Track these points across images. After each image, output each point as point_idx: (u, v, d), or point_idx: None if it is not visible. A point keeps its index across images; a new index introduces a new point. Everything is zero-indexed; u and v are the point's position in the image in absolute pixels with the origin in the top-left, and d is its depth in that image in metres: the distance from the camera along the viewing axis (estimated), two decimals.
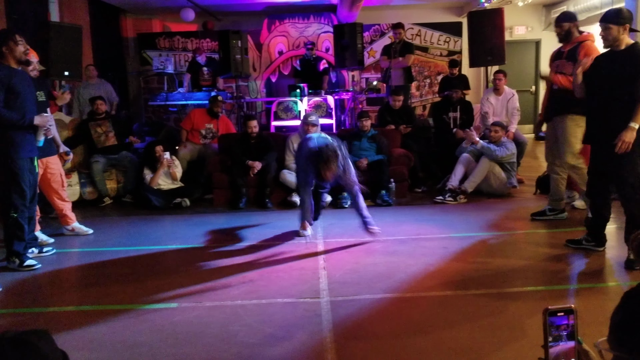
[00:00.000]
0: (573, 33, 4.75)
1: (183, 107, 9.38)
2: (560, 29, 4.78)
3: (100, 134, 6.79)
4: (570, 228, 4.85)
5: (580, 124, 4.72)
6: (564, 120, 4.80)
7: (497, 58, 7.56)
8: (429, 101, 11.30)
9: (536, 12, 11.87)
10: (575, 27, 4.75)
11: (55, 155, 5.00)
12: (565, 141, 4.82)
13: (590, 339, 1.70)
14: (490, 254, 4.31)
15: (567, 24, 4.75)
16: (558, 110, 4.87)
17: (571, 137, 4.78)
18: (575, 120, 4.75)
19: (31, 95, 4.28)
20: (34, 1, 7.73)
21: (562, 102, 4.78)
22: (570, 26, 4.74)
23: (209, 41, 11.10)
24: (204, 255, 4.52)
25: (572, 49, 4.72)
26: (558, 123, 4.87)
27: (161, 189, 6.52)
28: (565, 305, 1.57)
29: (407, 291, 3.56)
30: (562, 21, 4.79)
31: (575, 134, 4.76)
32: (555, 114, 4.92)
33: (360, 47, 8.37)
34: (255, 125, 6.60)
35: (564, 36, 4.78)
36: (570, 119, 4.77)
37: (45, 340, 1.20)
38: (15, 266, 4.23)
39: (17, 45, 4.11)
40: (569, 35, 4.76)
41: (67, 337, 3.02)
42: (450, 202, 6.10)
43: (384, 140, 6.65)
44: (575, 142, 4.79)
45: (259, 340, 2.90)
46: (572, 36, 4.75)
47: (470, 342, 2.81)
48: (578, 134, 4.74)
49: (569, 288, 3.58)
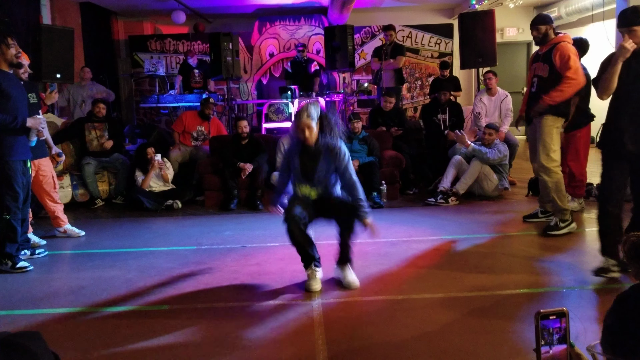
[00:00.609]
0: (549, 35, 4.75)
1: (174, 109, 9.37)
2: (537, 32, 4.78)
3: (93, 137, 6.77)
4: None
5: (557, 125, 4.76)
6: (540, 121, 4.79)
7: (488, 60, 7.60)
8: (420, 103, 11.34)
9: (527, 13, 11.93)
10: (551, 29, 4.76)
11: (47, 157, 4.99)
12: (541, 141, 4.78)
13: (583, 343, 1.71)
14: (482, 256, 4.33)
15: (543, 26, 4.75)
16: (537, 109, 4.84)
17: (547, 137, 4.75)
18: (552, 121, 4.74)
19: (22, 98, 4.27)
20: (25, 4, 7.70)
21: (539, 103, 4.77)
22: (547, 28, 4.74)
23: (200, 43, 11.10)
24: (195, 257, 4.52)
25: (547, 51, 4.73)
26: (537, 124, 4.86)
27: (152, 190, 6.51)
28: (557, 308, 1.58)
29: (399, 293, 3.58)
30: (538, 24, 4.78)
31: (552, 134, 4.75)
32: (534, 115, 4.90)
33: (351, 49, 8.39)
34: (246, 125, 6.62)
35: (541, 39, 4.79)
36: (547, 120, 4.75)
37: (37, 343, 1.21)
38: (8, 268, 4.22)
39: (9, 49, 4.10)
40: (545, 38, 4.76)
41: (58, 339, 3.01)
42: (441, 204, 6.13)
43: (375, 142, 6.68)
44: (550, 143, 4.74)
45: (250, 343, 2.91)
46: (549, 38, 4.75)
47: (462, 345, 2.83)
48: (554, 135, 4.75)
49: (562, 290, 3.60)
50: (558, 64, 4.61)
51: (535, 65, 4.88)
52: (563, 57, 4.59)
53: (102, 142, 6.77)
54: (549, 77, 4.71)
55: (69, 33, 6.70)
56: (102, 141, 6.77)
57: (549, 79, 4.70)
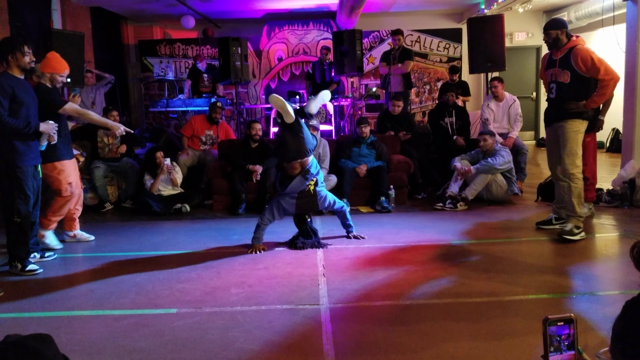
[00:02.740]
0: (561, 40, 4.73)
1: (183, 114, 9.42)
2: (548, 37, 4.77)
3: (105, 144, 6.81)
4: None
5: (582, 129, 4.71)
6: (564, 125, 4.76)
7: (497, 64, 7.58)
8: (429, 107, 11.32)
9: (536, 18, 11.91)
10: (563, 33, 4.73)
11: (74, 159, 5.04)
12: (566, 147, 4.75)
13: (592, 349, 1.70)
14: (491, 262, 4.31)
15: (554, 31, 4.73)
16: (558, 116, 4.83)
17: (572, 142, 4.72)
18: (577, 126, 4.71)
19: (34, 103, 4.32)
20: (37, 9, 7.77)
21: (562, 108, 4.75)
22: (558, 33, 4.72)
23: (209, 48, 11.15)
24: (203, 260, 4.53)
25: (564, 56, 4.71)
26: (558, 129, 4.84)
27: (161, 194, 6.54)
28: (565, 314, 1.56)
29: (406, 298, 3.57)
30: (549, 29, 4.77)
31: (577, 140, 4.72)
32: (555, 119, 4.88)
33: (359, 53, 8.41)
34: (260, 128, 6.66)
35: (552, 44, 4.78)
36: (573, 124, 4.72)
37: (48, 345, 1.22)
38: (18, 271, 4.26)
39: (24, 56, 4.16)
40: (557, 42, 4.74)
41: (68, 342, 3.03)
42: (450, 209, 6.11)
43: (383, 146, 6.68)
44: (576, 148, 4.72)
45: (258, 347, 2.91)
46: (561, 42, 4.73)
47: (470, 351, 2.81)
48: (579, 140, 4.71)
49: (571, 296, 3.57)
50: (583, 69, 4.59)
51: (552, 71, 4.84)
52: (586, 61, 4.57)
53: (114, 149, 6.81)
54: (571, 83, 4.68)
55: (79, 38, 6.76)
56: (114, 149, 6.81)
57: (572, 85, 4.68)
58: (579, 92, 4.68)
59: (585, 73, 4.61)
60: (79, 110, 4.86)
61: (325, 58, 9.14)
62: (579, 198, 4.76)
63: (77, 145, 6.85)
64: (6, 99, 4.04)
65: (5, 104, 4.03)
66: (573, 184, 4.76)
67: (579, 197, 4.75)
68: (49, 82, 4.70)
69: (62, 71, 4.74)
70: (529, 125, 12.16)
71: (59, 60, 4.76)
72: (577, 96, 4.69)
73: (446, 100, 7.42)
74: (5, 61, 4.15)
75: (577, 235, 4.74)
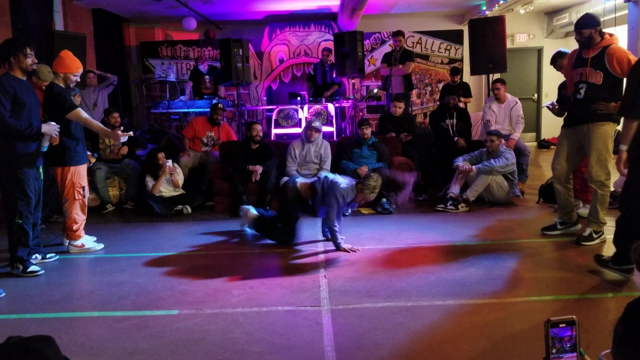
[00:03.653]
0: (595, 38, 4.41)
1: (185, 115, 9.43)
2: (580, 35, 4.45)
3: (107, 145, 6.82)
4: (573, 237, 4.83)
5: (610, 133, 4.49)
6: (595, 129, 4.48)
7: (499, 66, 7.58)
8: (430, 109, 11.33)
9: (538, 19, 11.90)
10: (597, 32, 4.40)
11: (86, 164, 5.03)
12: (595, 152, 4.49)
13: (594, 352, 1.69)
14: (492, 263, 4.30)
15: (587, 30, 4.41)
16: (586, 117, 4.54)
17: (603, 147, 4.47)
18: (609, 130, 4.49)
19: (36, 105, 4.33)
20: (39, 11, 7.79)
21: (591, 110, 4.47)
22: (592, 32, 4.39)
23: (211, 49, 11.17)
24: (204, 262, 4.53)
25: (596, 56, 4.41)
26: (584, 131, 4.57)
27: (163, 196, 6.55)
28: (567, 316, 1.56)
29: (408, 300, 3.56)
30: (581, 28, 4.44)
31: (607, 145, 4.48)
32: (581, 121, 4.58)
33: (360, 55, 8.41)
34: (260, 130, 6.67)
35: (585, 42, 4.45)
36: (605, 128, 4.47)
37: (49, 347, 1.22)
38: (19, 272, 4.27)
39: (26, 58, 4.17)
40: (590, 41, 4.42)
41: (69, 343, 3.03)
42: (451, 210, 6.10)
43: (384, 148, 6.68)
44: (606, 154, 4.48)
45: (259, 348, 2.91)
46: (594, 41, 4.42)
47: (472, 353, 2.81)
48: (610, 145, 4.50)
49: (573, 298, 3.57)
50: (618, 71, 4.32)
51: (581, 70, 4.52)
52: (622, 62, 4.30)
53: (116, 151, 6.81)
54: (603, 83, 4.40)
55: (81, 39, 6.78)
56: (116, 150, 6.82)
57: (604, 85, 4.40)
58: (611, 93, 4.41)
59: (619, 75, 4.32)
60: (84, 117, 4.71)
61: (326, 59, 9.14)
62: (604, 204, 4.61)
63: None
64: (8, 100, 4.05)
65: (7, 105, 4.04)
66: (600, 191, 4.57)
67: (603, 203, 4.60)
68: (62, 82, 4.69)
69: (76, 70, 4.73)
70: (531, 126, 12.15)
71: (72, 59, 4.74)
72: (608, 98, 4.42)
73: (448, 103, 7.42)
74: (7, 62, 4.16)
75: (597, 240, 4.67)
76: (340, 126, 9.18)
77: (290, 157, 6.55)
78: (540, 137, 12.31)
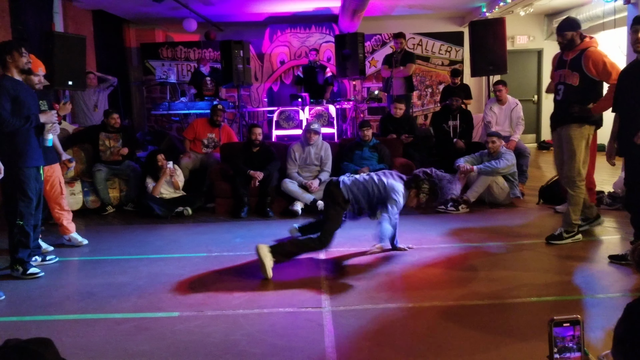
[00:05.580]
0: (575, 41, 4.52)
1: (185, 117, 9.42)
2: (563, 38, 4.55)
3: (107, 147, 6.81)
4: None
5: (585, 134, 4.57)
6: (569, 130, 4.59)
7: (499, 67, 7.57)
8: (431, 110, 11.34)
9: (538, 21, 11.90)
10: (578, 35, 4.52)
11: (57, 164, 5.03)
12: (569, 153, 4.60)
13: (594, 352, 1.69)
14: (493, 264, 4.30)
15: (569, 32, 4.52)
16: (563, 119, 4.66)
17: (577, 149, 4.56)
18: (584, 131, 4.57)
19: (34, 104, 4.32)
20: (38, 12, 7.79)
21: (567, 111, 4.57)
22: (574, 34, 4.51)
23: (211, 51, 11.17)
24: (205, 264, 4.52)
25: (575, 58, 4.53)
26: (561, 133, 4.69)
27: (163, 197, 6.54)
28: (571, 315, 1.55)
29: (409, 301, 3.56)
30: (564, 30, 4.55)
31: (581, 146, 4.57)
32: (559, 123, 4.72)
33: (361, 56, 8.41)
34: (260, 132, 6.66)
35: (566, 45, 4.57)
36: (578, 130, 4.57)
37: (48, 349, 1.21)
38: (19, 274, 4.25)
39: (21, 56, 4.15)
40: (571, 44, 4.54)
41: (69, 345, 3.02)
42: (452, 211, 6.10)
43: (385, 149, 6.67)
44: (580, 155, 4.57)
45: (260, 350, 2.90)
46: (574, 43, 4.53)
47: (473, 353, 2.80)
48: (584, 146, 4.58)
49: (574, 299, 3.56)
50: (594, 72, 4.42)
51: (561, 72, 4.64)
52: (597, 64, 4.40)
53: (116, 152, 6.81)
54: (580, 85, 4.49)
55: (81, 41, 6.76)
56: (116, 151, 6.81)
57: (581, 87, 4.50)
58: (587, 95, 4.51)
59: (595, 76, 4.43)
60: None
61: (315, 61, 9.13)
62: (577, 205, 4.67)
63: (79, 148, 6.86)
64: (8, 101, 4.04)
65: (7, 106, 4.03)
66: (574, 192, 4.65)
67: (576, 204, 4.67)
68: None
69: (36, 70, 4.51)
70: (531, 128, 12.15)
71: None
72: (585, 100, 4.51)
73: (451, 104, 7.43)
74: (3, 63, 4.15)
75: (568, 240, 4.73)
76: (341, 128, 9.18)
77: (291, 160, 6.55)
78: (540, 138, 12.31)
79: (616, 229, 5.27)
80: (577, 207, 4.70)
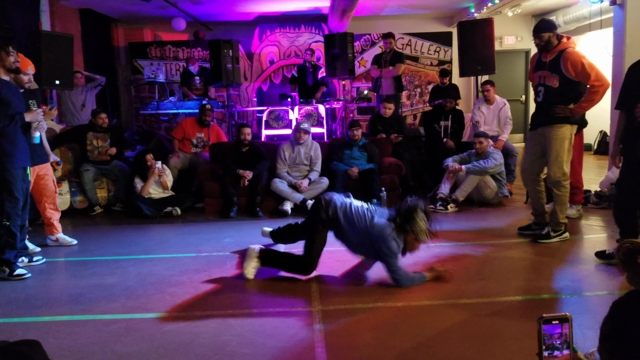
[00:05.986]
0: (552, 42, 4.56)
1: (174, 116, 9.38)
2: (540, 39, 4.58)
3: (95, 147, 6.76)
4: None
5: (567, 135, 4.62)
6: (552, 131, 4.61)
7: (487, 68, 7.61)
8: (420, 110, 11.38)
9: (525, 22, 11.99)
10: (554, 36, 4.56)
11: (48, 163, 4.99)
12: (553, 153, 4.63)
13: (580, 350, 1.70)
14: (482, 263, 4.32)
15: (546, 34, 4.55)
16: (544, 120, 4.67)
17: (560, 149, 4.60)
18: (567, 131, 4.60)
19: (21, 105, 4.28)
20: (25, 10, 7.72)
21: (550, 112, 4.60)
22: (550, 36, 4.54)
23: (200, 50, 11.13)
24: (194, 264, 4.50)
25: (553, 59, 4.55)
26: (544, 134, 4.69)
27: (152, 197, 6.51)
28: (560, 313, 1.56)
29: (398, 300, 3.57)
30: (541, 31, 4.57)
31: (565, 146, 4.61)
32: (541, 124, 4.72)
33: (351, 56, 8.42)
34: (249, 132, 6.64)
35: (544, 47, 4.60)
36: (561, 130, 4.59)
37: (36, 351, 1.21)
38: (5, 275, 4.21)
39: (8, 56, 4.11)
40: (548, 45, 4.57)
41: (57, 347, 3.00)
42: (441, 211, 6.13)
43: (375, 149, 6.69)
44: (564, 155, 4.61)
45: (250, 350, 2.90)
46: (552, 45, 4.57)
47: (463, 352, 2.82)
48: (567, 146, 4.62)
49: (561, 297, 3.59)
50: (573, 74, 4.45)
51: (540, 74, 4.67)
52: (576, 65, 4.42)
53: (104, 152, 6.76)
54: (559, 87, 4.53)
55: (68, 39, 6.71)
56: (104, 151, 6.77)
57: (560, 89, 4.53)
58: (568, 96, 4.55)
59: (574, 77, 4.48)
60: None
61: (310, 60, 9.13)
62: (563, 205, 4.73)
63: (66, 148, 6.81)
64: None
65: None
66: (560, 192, 4.70)
67: (563, 204, 4.72)
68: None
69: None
70: (518, 128, 12.21)
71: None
72: (565, 101, 4.55)
73: (444, 105, 7.47)
74: None
75: (555, 239, 4.77)
76: (331, 127, 9.18)
77: (280, 160, 6.55)
78: None
79: (602, 228, 5.33)
80: (564, 207, 4.76)
